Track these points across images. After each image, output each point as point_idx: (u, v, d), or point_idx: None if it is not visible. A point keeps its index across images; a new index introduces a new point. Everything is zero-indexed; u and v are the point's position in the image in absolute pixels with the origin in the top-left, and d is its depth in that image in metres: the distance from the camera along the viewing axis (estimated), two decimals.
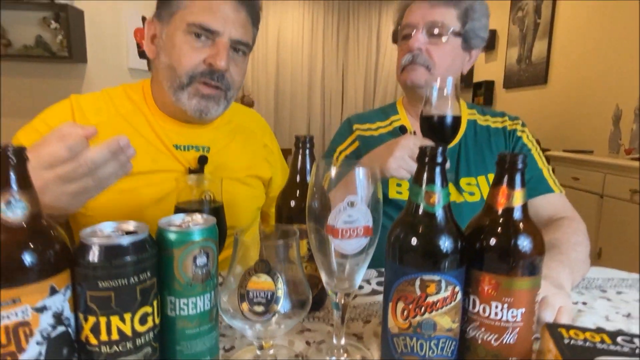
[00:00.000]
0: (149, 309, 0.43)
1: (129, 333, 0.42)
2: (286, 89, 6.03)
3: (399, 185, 0.99)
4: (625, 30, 3.12)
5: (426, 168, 0.45)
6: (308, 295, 0.50)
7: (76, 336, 0.42)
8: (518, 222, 0.46)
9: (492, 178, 0.47)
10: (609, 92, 3.23)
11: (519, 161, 0.45)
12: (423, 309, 0.45)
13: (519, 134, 1.07)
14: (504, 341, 0.46)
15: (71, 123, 0.56)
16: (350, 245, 0.48)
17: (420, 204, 0.46)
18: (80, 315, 0.41)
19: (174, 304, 0.46)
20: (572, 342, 0.46)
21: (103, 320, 0.41)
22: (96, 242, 0.40)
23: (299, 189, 0.64)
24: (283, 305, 0.46)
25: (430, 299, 0.44)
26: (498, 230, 0.46)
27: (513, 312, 0.45)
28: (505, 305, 0.45)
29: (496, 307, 0.45)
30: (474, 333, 0.47)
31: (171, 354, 0.47)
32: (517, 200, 0.46)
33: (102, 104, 0.88)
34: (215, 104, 0.85)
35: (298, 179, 0.64)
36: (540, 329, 0.51)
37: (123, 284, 0.41)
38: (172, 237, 0.45)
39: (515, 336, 0.46)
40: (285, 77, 6.01)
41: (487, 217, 0.47)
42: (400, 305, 0.46)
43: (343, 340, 0.54)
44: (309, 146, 0.65)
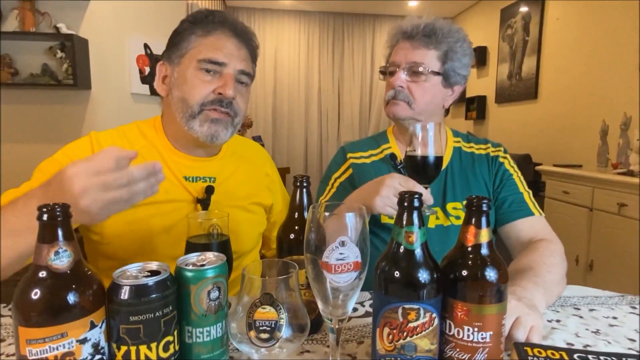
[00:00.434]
0: (171, 338, 0.51)
1: (155, 359, 0.49)
2: (283, 106, 6.15)
3: None
4: (611, 48, 3.25)
5: (405, 212, 0.53)
6: (307, 321, 0.57)
7: None
8: (485, 257, 0.54)
9: None
10: (596, 108, 3.34)
11: (484, 205, 0.53)
12: (405, 334, 0.52)
13: (501, 159, 1.15)
14: (476, 359, 0.53)
15: (118, 146, 0.65)
16: (343, 279, 0.55)
17: (401, 242, 0.54)
18: (114, 344, 0.49)
19: (191, 332, 0.54)
20: (534, 359, 0.53)
21: (133, 348, 0.48)
22: (127, 283, 0.48)
23: (297, 224, 0.72)
24: (285, 332, 0.54)
25: (411, 325, 0.52)
26: (468, 264, 0.54)
27: (482, 334, 0.53)
28: (476, 329, 0.53)
29: (468, 330, 0.53)
30: (451, 353, 0.54)
31: None
32: (484, 238, 0.54)
33: (118, 140, 0.96)
34: (224, 128, 0.94)
35: (296, 215, 0.72)
36: (510, 347, 0.58)
37: (150, 317, 0.48)
38: (189, 275, 0.53)
39: (486, 355, 0.53)
40: (282, 96, 6.14)
41: (459, 252, 0.55)
42: (386, 330, 0.53)
43: None
44: (305, 185, 0.73)
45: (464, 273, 0.53)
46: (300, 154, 6.27)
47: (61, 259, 0.45)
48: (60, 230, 0.45)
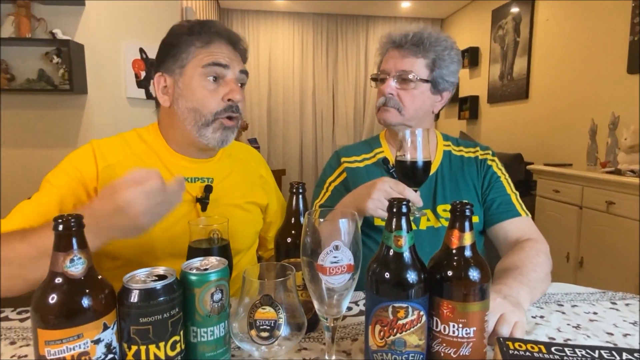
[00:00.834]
0: (178, 338, 0.55)
1: (163, 357, 0.53)
2: (278, 108, 6.19)
3: None
4: (599, 49, 3.31)
5: (394, 218, 0.57)
6: (304, 320, 0.61)
7: None
8: (468, 258, 0.58)
9: None
10: (585, 108, 3.41)
11: (466, 210, 0.57)
12: (395, 330, 0.56)
13: (489, 162, 1.20)
14: (461, 353, 0.57)
15: (144, 169, 0.72)
16: (337, 280, 0.60)
17: (391, 245, 0.58)
18: (125, 344, 0.52)
19: (195, 332, 0.57)
20: (515, 353, 0.58)
21: (143, 348, 0.52)
22: (136, 287, 0.52)
23: (294, 229, 0.76)
24: (284, 330, 0.58)
25: (400, 322, 0.56)
26: (453, 265, 0.58)
27: (467, 330, 0.57)
28: (461, 325, 0.57)
29: (453, 327, 0.57)
30: (438, 347, 0.58)
31: None
32: (467, 241, 0.58)
33: (118, 146, 1.01)
34: (232, 133, 1.01)
35: (293, 220, 0.76)
36: (494, 342, 0.63)
37: (158, 318, 0.52)
38: (194, 279, 0.57)
39: (470, 349, 0.57)
40: (277, 98, 6.17)
41: (444, 254, 0.59)
42: (378, 327, 0.57)
43: (334, 357, 0.65)
44: (301, 191, 0.77)
45: (449, 273, 0.58)
46: (295, 156, 6.31)
47: (76, 266, 0.49)
48: (75, 239, 0.49)
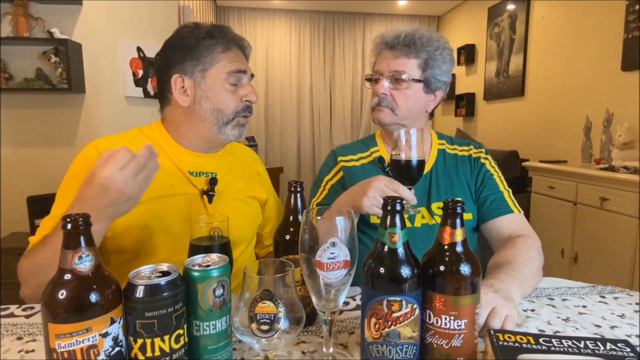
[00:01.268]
0: (181, 331, 0.57)
1: (167, 350, 0.55)
2: (275, 106, 6.20)
3: None
4: (594, 46, 3.34)
5: (388, 215, 0.60)
6: (302, 314, 0.63)
7: (127, 354, 0.55)
8: (459, 254, 0.60)
9: None
10: (580, 105, 3.44)
11: (458, 208, 0.60)
12: (390, 323, 0.59)
13: (482, 160, 1.23)
14: (453, 345, 0.60)
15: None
16: (334, 275, 0.62)
17: (385, 242, 0.60)
18: (131, 338, 0.55)
19: (198, 326, 0.60)
20: (504, 344, 0.60)
21: (148, 341, 0.54)
22: (141, 283, 0.54)
23: (292, 226, 0.78)
24: (283, 324, 0.60)
25: (394, 315, 0.59)
26: (445, 261, 0.60)
27: (458, 322, 0.59)
28: (452, 317, 0.59)
29: (445, 319, 0.59)
30: (430, 339, 0.61)
31: None
32: (458, 237, 0.60)
33: (120, 142, 1.02)
34: (245, 128, 1.10)
35: (291, 218, 0.79)
36: (484, 334, 0.65)
37: (163, 313, 0.54)
38: (196, 275, 0.59)
39: (461, 340, 0.60)
40: (274, 96, 6.18)
41: (437, 250, 0.62)
42: (373, 320, 0.60)
43: (331, 349, 0.68)
44: (299, 189, 0.80)
45: (441, 268, 0.60)
46: (292, 154, 6.32)
47: (84, 263, 0.51)
48: (82, 237, 0.51)
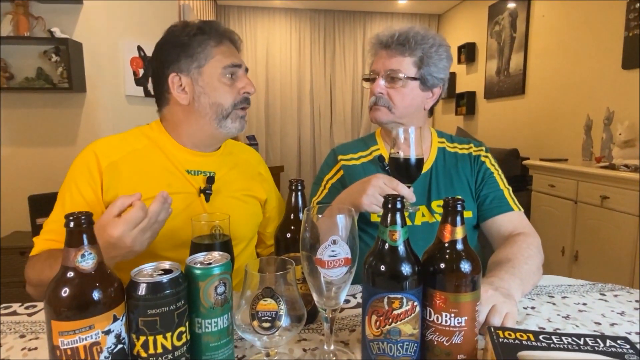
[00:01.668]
0: (183, 328, 0.57)
1: (170, 347, 0.56)
2: (276, 105, 6.20)
3: None
4: (594, 45, 3.34)
5: (389, 213, 0.60)
6: (303, 312, 0.64)
7: (130, 351, 0.56)
8: (460, 251, 0.61)
9: None
10: (581, 103, 3.44)
11: (458, 206, 0.60)
12: (390, 320, 0.59)
13: (482, 159, 1.23)
14: (453, 342, 0.60)
15: (125, 196, 0.80)
16: (335, 273, 0.62)
17: (386, 240, 0.60)
18: (133, 335, 0.55)
19: (200, 323, 0.60)
20: (504, 341, 0.61)
21: (151, 338, 0.54)
22: (144, 281, 0.54)
23: (293, 224, 0.78)
24: (284, 321, 0.60)
25: (395, 312, 0.59)
26: (445, 258, 0.61)
27: (459, 320, 0.60)
28: (453, 315, 0.60)
29: (446, 316, 0.60)
30: (431, 336, 0.61)
31: None
32: (459, 234, 0.61)
33: (119, 143, 1.05)
34: (245, 121, 1.10)
35: (292, 216, 0.79)
36: (485, 331, 0.66)
37: (165, 310, 0.55)
38: (198, 273, 0.59)
39: (462, 337, 0.60)
40: (274, 94, 6.18)
41: (437, 247, 0.62)
42: (374, 317, 0.60)
43: (332, 347, 0.68)
44: (300, 188, 0.80)
45: (442, 266, 0.60)
46: (293, 152, 6.32)
47: (87, 261, 0.51)
48: (85, 235, 0.52)
